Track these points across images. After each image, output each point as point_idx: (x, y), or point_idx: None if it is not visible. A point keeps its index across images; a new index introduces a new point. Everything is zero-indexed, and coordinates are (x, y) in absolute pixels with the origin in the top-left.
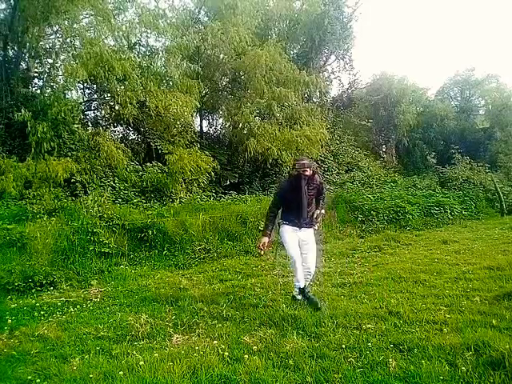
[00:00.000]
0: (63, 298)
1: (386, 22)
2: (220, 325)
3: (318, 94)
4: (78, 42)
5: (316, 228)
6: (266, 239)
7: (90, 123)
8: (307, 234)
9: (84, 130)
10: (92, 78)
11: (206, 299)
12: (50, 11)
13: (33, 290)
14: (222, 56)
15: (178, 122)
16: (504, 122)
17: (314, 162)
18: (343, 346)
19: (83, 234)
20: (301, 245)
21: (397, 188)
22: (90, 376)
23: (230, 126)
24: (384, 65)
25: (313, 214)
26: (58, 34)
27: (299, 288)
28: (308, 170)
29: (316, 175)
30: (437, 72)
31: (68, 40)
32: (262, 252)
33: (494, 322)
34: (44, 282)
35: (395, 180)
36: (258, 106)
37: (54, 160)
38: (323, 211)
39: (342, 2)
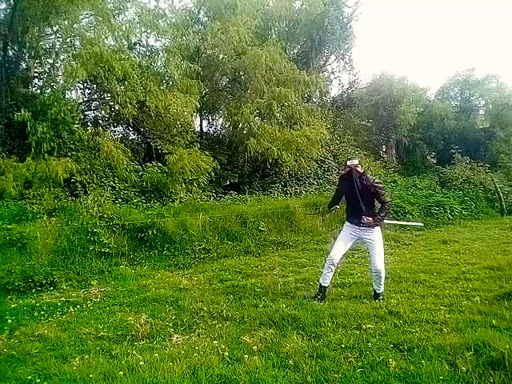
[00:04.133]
0: (63, 298)
1: (386, 22)
2: (220, 325)
3: (317, 93)
4: (77, 42)
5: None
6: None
7: (89, 123)
8: (370, 233)
9: (84, 130)
10: (92, 78)
11: (205, 299)
12: (49, 11)
13: (33, 290)
14: (221, 56)
15: (178, 122)
16: (504, 122)
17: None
18: (343, 346)
19: (83, 233)
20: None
21: (397, 188)
22: (90, 376)
23: (229, 126)
24: (384, 65)
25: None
26: (58, 34)
27: (319, 285)
28: (359, 167)
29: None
30: (437, 72)
31: (68, 40)
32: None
33: (494, 321)
34: (44, 282)
35: (395, 180)
36: (257, 105)
37: (54, 160)
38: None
39: (341, 2)
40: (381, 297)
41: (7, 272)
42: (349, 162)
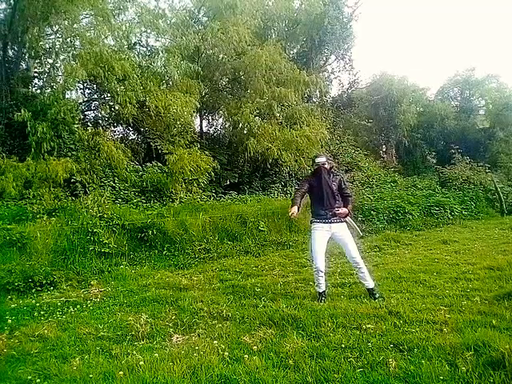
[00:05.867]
0: (63, 298)
1: (386, 21)
2: (220, 325)
3: (317, 93)
4: (78, 42)
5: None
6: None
7: (89, 123)
8: (340, 229)
9: (84, 130)
10: (92, 77)
11: (205, 299)
12: (49, 11)
13: (33, 290)
14: (221, 56)
15: (178, 122)
16: (504, 122)
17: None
18: (343, 346)
19: (83, 233)
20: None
21: (397, 188)
22: (90, 376)
23: (229, 126)
24: (384, 65)
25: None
26: (57, 34)
27: (318, 293)
28: (326, 164)
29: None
30: (437, 72)
31: (68, 40)
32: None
33: (494, 321)
34: (44, 282)
35: (395, 180)
36: (257, 105)
37: (54, 160)
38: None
39: (341, 2)
40: (377, 294)
41: (7, 272)
42: (317, 160)
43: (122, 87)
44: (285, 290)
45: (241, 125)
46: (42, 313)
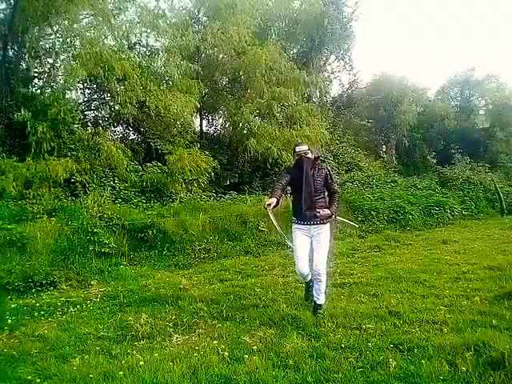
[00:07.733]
0: (63, 298)
1: (385, 22)
2: (220, 325)
3: (317, 94)
4: (78, 42)
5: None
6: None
7: (89, 123)
8: (321, 229)
9: (84, 130)
10: (92, 77)
11: (205, 299)
12: (49, 11)
13: (33, 290)
14: (221, 56)
15: (178, 122)
16: (505, 122)
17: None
18: (343, 346)
19: (83, 233)
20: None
21: (397, 188)
22: (90, 376)
23: (230, 126)
24: (384, 65)
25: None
26: (57, 34)
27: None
28: (309, 153)
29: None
30: (437, 72)
31: (68, 40)
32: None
33: (494, 321)
34: (44, 282)
35: (395, 180)
36: (258, 105)
37: (54, 160)
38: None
39: (341, 2)
40: (321, 310)
41: (7, 272)
42: (297, 149)
43: (122, 87)
44: (285, 290)
45: (241, 125)
46: (42, 313)
